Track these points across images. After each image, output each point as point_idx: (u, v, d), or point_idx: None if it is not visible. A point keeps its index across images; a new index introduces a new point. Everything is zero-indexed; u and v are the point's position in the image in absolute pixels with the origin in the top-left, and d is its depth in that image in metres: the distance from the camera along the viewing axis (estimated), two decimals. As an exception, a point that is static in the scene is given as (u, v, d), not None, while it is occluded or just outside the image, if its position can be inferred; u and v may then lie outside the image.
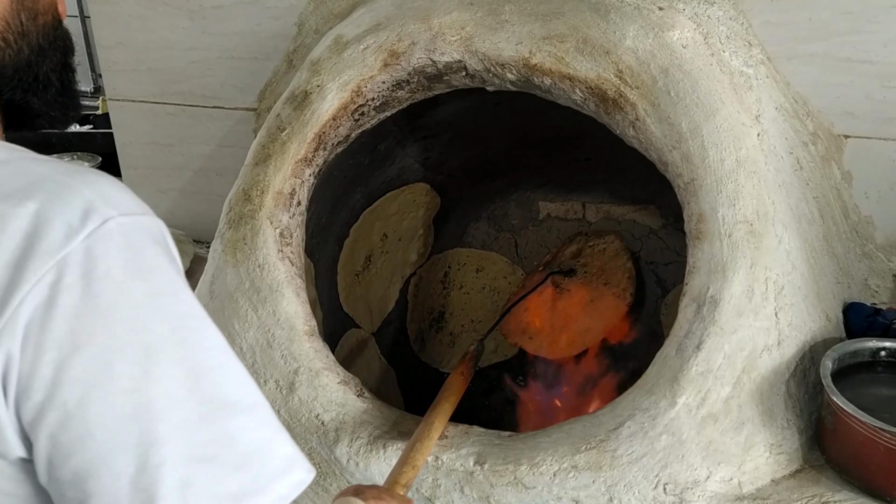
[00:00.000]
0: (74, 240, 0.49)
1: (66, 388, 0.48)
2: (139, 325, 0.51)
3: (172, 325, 0.52)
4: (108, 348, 0.49)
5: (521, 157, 1.85)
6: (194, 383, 0.52)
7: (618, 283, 1.77)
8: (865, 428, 1.04)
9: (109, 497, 0.49)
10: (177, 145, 1.94)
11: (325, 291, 1.63)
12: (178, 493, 0.49)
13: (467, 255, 2.02)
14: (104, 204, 0.52)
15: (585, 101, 1.23)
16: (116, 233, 0.51)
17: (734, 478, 1.10)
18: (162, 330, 0.52)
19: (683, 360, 1.09)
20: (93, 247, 0.50)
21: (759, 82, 1.28)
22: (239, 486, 0.51)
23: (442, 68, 1.31)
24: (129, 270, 0.51)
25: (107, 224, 0.51)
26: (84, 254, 0.49)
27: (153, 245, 0.53)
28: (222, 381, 0.54)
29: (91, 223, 0.50)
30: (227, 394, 0.53)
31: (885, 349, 1.20)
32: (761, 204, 1.13)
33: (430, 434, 1.12)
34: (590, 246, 1.84)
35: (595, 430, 1.12)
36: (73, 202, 0.51)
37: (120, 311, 0.50)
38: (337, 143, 1.38)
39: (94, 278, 0.50)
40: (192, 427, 0.51)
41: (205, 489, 0.50)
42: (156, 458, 0.49)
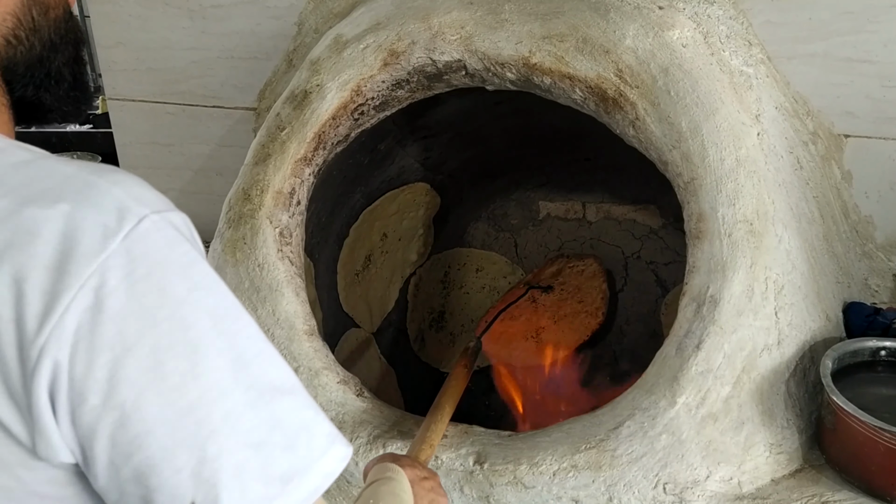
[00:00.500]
0: (114, 241, 0.50)
1: (122, 388, 0.49)
2: (184, 322, 0.52)
3: (213, 318, 0.53)
4: (157, 347, 0.50)
5: (521, 156, 1.85)
6: (239, 372, 0.53)
7: (591, 301, 1.83)
8: (865, 427, 1.04)
9: (173, 490, 0.50)
10: (177, 145, 1.94)
11: (325, 291, 1.63)
12: (237, 479, 0.51)
13: (467, 254, 2.02)
14: (136, 203, 0.52)
15: (585, 101, 1.23)
16: (153, 231, 0.52)
17: (734, 477, 1.10)
18: (204, 324, 0.53)
19: (683, 360, 1.09)
20: (132, 247, 0.51)
21: (759, 82, 1.28)
22: (289, 465, 0.53)
23: (442, 67, 1.31)
24: (168, 268, 0.52)
25: (142, 223, 0.51)
26: (125, 255, 0.50)
27: (184, 241, 0.54)
28: (264, 367, 0.55)
29: (127, 223, 0.51)
30: (269, 379, 0.55)
31: (885, 349, 1.20)
32: (761, 203, 1.13)
33: (443, 417, 1.16)
34: (570, 266, 1.88)
35: (595, 430, 1.12)
36: (104, 202, 0.51)
37: (164, 309, 0.51)
38: (337, 142, 1.38)
39: (137, 279, 0.50)
40: (241, 414, 0.52)
41: (259, 472, 0.51)
42: (213, 449, 0.50)
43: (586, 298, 1.85)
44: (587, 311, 1.83)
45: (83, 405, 0.49)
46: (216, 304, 0.54)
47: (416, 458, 1.03)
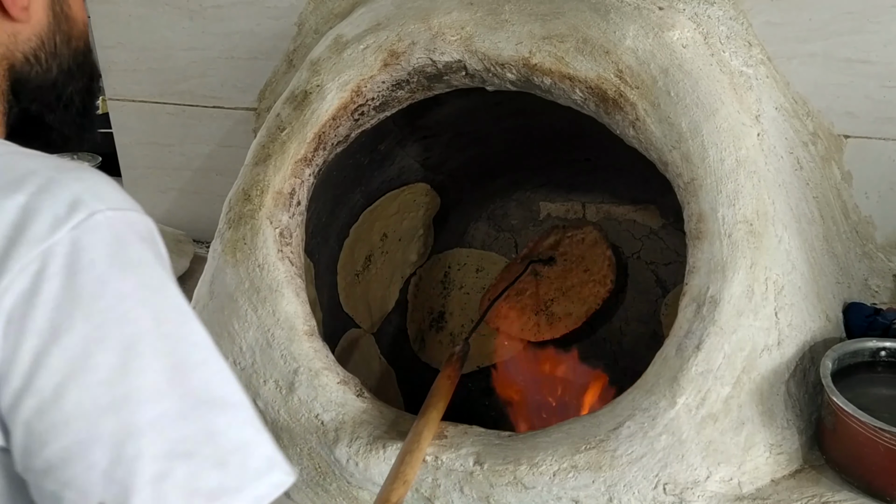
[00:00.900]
0: (60, 230, 0.50)
1: (44, 375, 0.48)
2: (122, 317, 0.51)
3: (157, 318, 0.53)
4: (88, 338, 0.49)
5: (522, 157, 1.85)
6: (177, 378, 0.52)
7: (598, 270, 1.78)
8: (865, 428, 1.04)
9: (84, 487, 0.49)
10: (177, 145, 1.94)
11: (325, 291, 1.63)
12: (153, 486, 0.49)
13: (467, 255, 2.02)
14: (92, 197, 0.52)
15: (585, 101, 1.23)
16: (104, 225, 0.52)
17: (734, 478, 1.10)
18: (146, 323, 0.52)
19: (683, 360, 1.09)
20: (79, 238, 0.50)
21: (759, 82, 1.28)
22: (218, 483, 0.51)
23: (442, 68, 1.31)
24: (114, 263, 0.51)
25: (94, 217, 0.51)
26: (69, 244, 0.50)
27: (140, 241, 0.54)
28: (206, 378, 0.54)
29: (78, 215, 0.51)
30: (210, 390, 0.53)
31: (886, 349, 1.20)
32: (761, 204, 1.13)
33: (420, 446, 1.10)
34: (568, 237, 1.84)
35: (595, 430, 1.12)
36: (60, 195, 0.51)
37: (102, 301, 0.50)
38: (337, 142, 1.38)
39: (78, 269, 0.50)
40: (172, 421, 0.51)
41: (182, 484, 0.50)
42: (131, 451, 0.49)
43: (592, 267, 1.78)
44: (594, 279, 1.77)
45: (6, 387, 0.49)
46: (163, 306, 0.53)
47: (387, 500, 0.99)
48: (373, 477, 1.16)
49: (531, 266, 1.82)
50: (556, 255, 1.83)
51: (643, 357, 1.21)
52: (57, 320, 0.49)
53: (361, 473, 1.18)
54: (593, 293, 1.77)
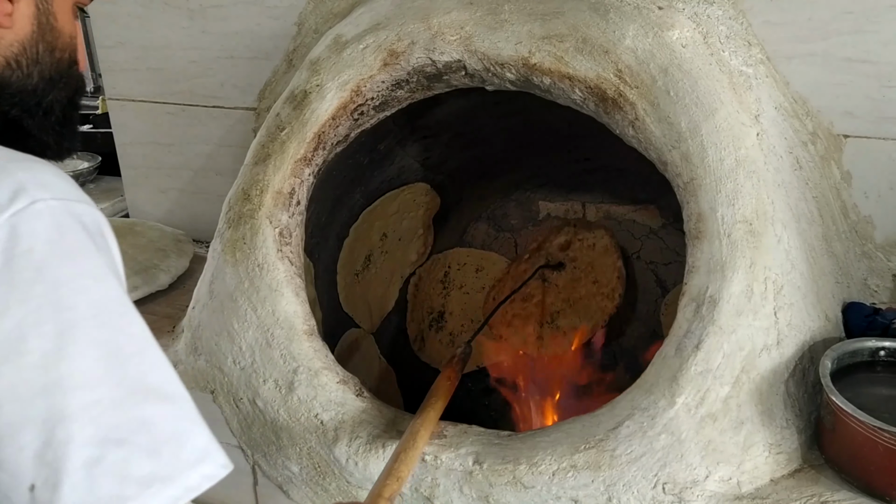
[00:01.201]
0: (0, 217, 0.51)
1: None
2: (58, 303, 0.51)
3: (94, 307, 0.53)
4: (22, 322, 0.50)
5: (521, 156, 1.85)
6: (112, 365, 0.52)
7: (608, 282, 1.78)
8: (865, 428, 1.04)
9: (15, 469, 0.49)
10: (176, 145, 1.94)
11: (325, 291, 1.63)
12: (84, 470, 0.49)
13: (467, 254, 2.02)
14: (36, 186, 0.53)
15: (585, 101, 1.23)
16: (45, 214, 0.52)
17: (733, 477, 1.10)
18: (82, 310, 0.52)
19: (682, 360, 1.09)
20: (17, 224, 0.51)
21: (758, 82, 1.28)
22: (149, 471, 0.52)
23: (441, 68, 1.31)
24: (52, 250, 0.52)
25: (35, 205, 0.52)
26: (7, 231, 0.51)
27: (82, 231, 0.54)
28: (142, 368, 0.54)
29: (19, 203, 0.52)
30: (145, 380, 0.54)
31: (885, 349, 1.20)
32: (760, 203, 1.13)
33: (416, 444, 1.10)
34: (579, 239, 1.83)
35: (594, 430, 1.12)
36: (5, 183, 0.52)
37: (38, 287, 0.51)
38: (336, 142, 1.38)
39: (15, 255, 0.50)
40: (105, 408, 0.51)
41: (113, 470, 0.50)
42: (62, 435, 0.49)
43: (601, 278, 1.78)
44: (603, 292, 1.76)
45: None
46: (101, 296, 0.54)
47: (380, 495, 0.99)
48: (372, 476, 1.16)
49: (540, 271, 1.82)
50: (566, 260, 1.82)
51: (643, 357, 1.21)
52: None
53: (361, 473, 1.18)
54: (601, 307, 1.77)
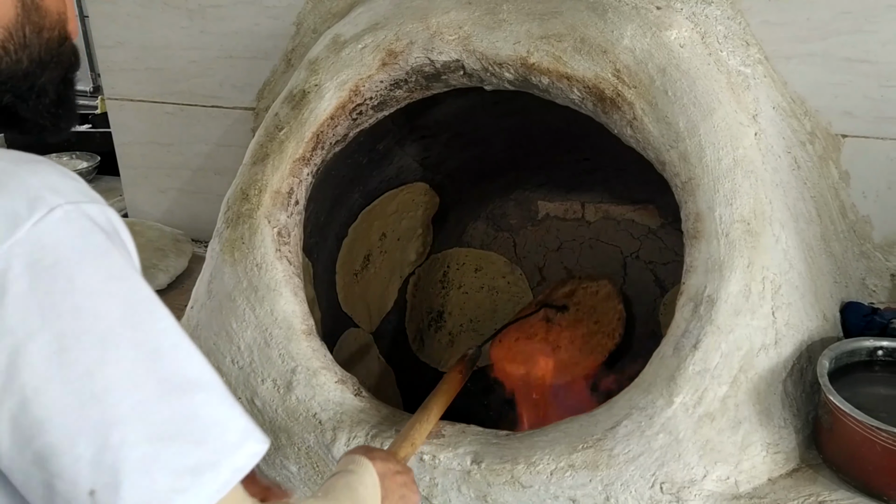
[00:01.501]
0: (21, 229, 0.51)
1: (23, 373, 0.50)
2: (93, 311, 0.52)
3: (126, 309, 0.54)
4: (63, 334, 0.51)
5: (520, 156, 1.85)
6: (152, 363, 0.53)
7: (608, 323, 1.82)
8: (862, 427, 1.04)
9: (73, 476, 0.50)
10: (175, 145, 1.94)
11: (324, 291, 1.63)
12: (141, 470, 0.51)
13: (466, 254, 2.02)
14: (50, 192, 0.53)
15: (583, 101, 1.23)
16: (64, 221, 0.52)
17: (731, 477, 1.10)
18: (117, 314, 0.53)
19: (680, 360, 1.09)
20: (41, 236, 0.51)
21: (756, 82, 1.28)
22: (200, 460, 0.53)
23: (440, 67, 1.31)
24: (78, 258, 0.52)
25: (54, 212, 0.52)
26: (32, 243, 0.51)
27: (100, 232, 0.54)
28: (179, 361, 0.55)
29: (38, 212, 0.51)
30: (184, 372, 0.55)
31: (883, 348, 1.20)
32: (758, 203, 1.13)
33: (429, 417, 1.14)
34: (583, 287, 1.88)
35: (592, 430, 1.12)
36: (18, 190, 0.52)
37: (72, 298, 0.51)
38: (335, 142, 1.38)
39: (44, 267, 0.51)
40: (152, 406, 0.52)
41: (167, 464, 0.52)
42: (116, 438, 0.50)
43: (602, 319, 1.84)
44: (603, 331, 1.82)
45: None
46: (130, 296, 0.55)
47: (395, 453, 1.03)
48: (370, 476, 1.16)
49: (544, 310, 1.85)
50: (570, 304, 1.86)
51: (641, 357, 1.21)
52: (29, 319, 0.50)
53: (359, 472, 1.18)
54: (601, 344, 1.81)
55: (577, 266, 1.95)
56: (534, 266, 1.99)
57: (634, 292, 1.89)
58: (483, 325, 1.98)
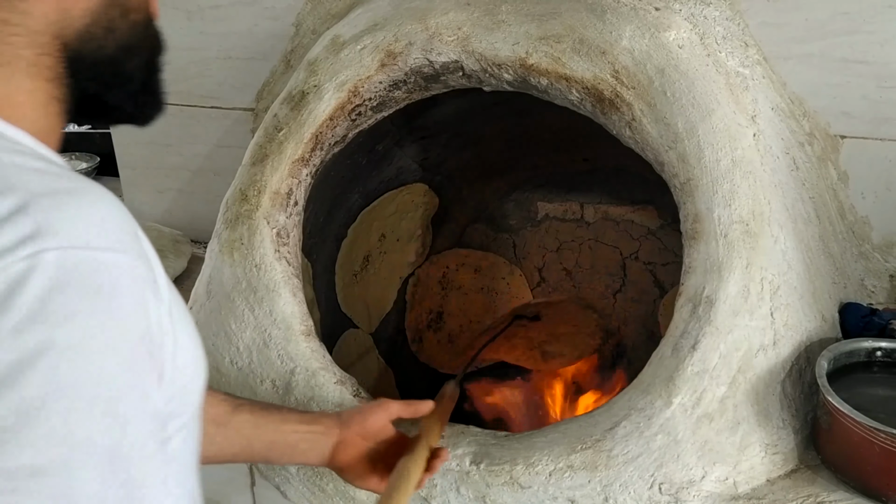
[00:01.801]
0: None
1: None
2: (53, 372, 0.45)
3: (95, 382, 0.47)
4: (21, 400, 0.44)
5: (519, 157, 1.85)
6: (105, 415, 0.47)
7: (586, 325, 1.84)
8: (861, 428, 1.04)
9: None
10: (175, 145, 1.94)
11: (323, 292, 1.63)
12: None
13: (466, 255, 2.02)
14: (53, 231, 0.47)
15: (582, 102, 1.23)
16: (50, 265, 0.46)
17: (729, 477, 1.10)
18: (75, 373, 0.46)
19: (679, 360, 1.09)
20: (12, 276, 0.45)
21: (755, 83, 1.28)
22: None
23: (439, 68, 1.31)
24: (41, 310, 0.45)
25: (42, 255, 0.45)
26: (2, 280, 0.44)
27: (85, 290, 0.46)
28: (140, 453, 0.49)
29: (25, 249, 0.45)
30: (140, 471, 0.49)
31: (881, 349, 1.20)
32: (757, 204, 1.14)
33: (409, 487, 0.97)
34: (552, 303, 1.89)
35: (591, 430, 1.12)
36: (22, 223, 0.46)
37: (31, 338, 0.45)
38: (334, 143, 1.38)
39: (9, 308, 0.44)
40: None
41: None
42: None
43: (580, 323, 1.85)
44: (584, 332, 1.82)
45: None
46: (84, 368, 0.47)
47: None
48: (369, 477, 1.16)
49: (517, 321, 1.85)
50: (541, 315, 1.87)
51: (641, 358, 1.21)
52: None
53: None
54: (585, 342, 1.83)
55: (577, 267, 1.95)
56: (533, 267, 1.99)
57: (634, 293, 1.89)
58: (483, 326, 1.98)
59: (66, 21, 0.60)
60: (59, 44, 0.60)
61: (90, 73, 0.63)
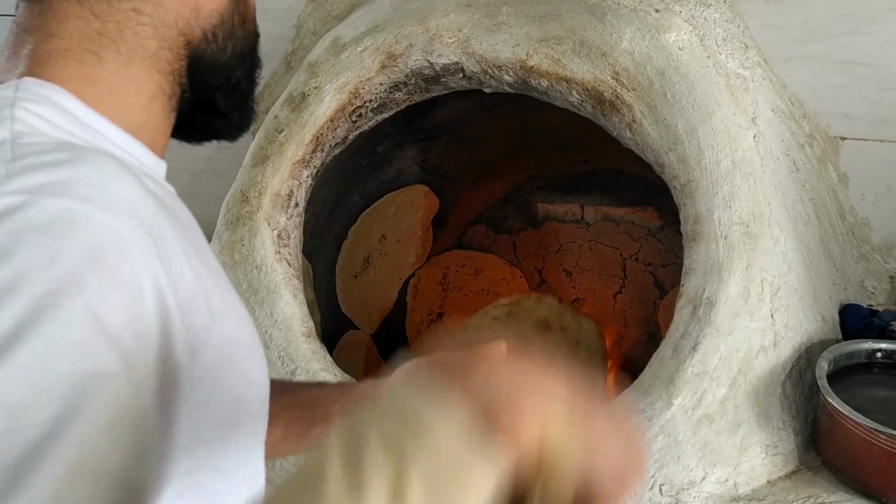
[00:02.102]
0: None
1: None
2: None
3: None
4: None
5: (520, 158, 1.85)
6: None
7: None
8: (861, 429, 1.04)
9: None
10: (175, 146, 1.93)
11: (324, 293, 1.63)
12: None
13: (466, 256, 2.02)
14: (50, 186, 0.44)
15: (582, 103, 1.23)
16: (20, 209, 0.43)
17: (730, 479, 1.10)
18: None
19: (679, 362, 1.09)
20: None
21: (755, 84, 1.28)
22: None
23: (439, 70, 1.31)
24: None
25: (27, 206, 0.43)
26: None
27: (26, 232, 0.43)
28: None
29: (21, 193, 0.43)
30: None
31: (881, 351, 1.20)
32: (757, 205, 1.14)
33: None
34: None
35: (591, 432, 1.12)
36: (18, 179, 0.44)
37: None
38: (335, 144, 1.39)
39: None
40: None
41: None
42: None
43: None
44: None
45: None
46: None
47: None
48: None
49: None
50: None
51: (641, 359, 1.21)
52: None
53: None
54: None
55: (577, 267, 1.95)
56: (533, 268, 1.99)
57: (634, 294, 1.89)
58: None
59: (196, 20, 0.60)
60: (184, 41, 0.60)
61: (206, 77, 0.63)
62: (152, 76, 0.59)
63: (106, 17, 0.57)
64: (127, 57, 0.57)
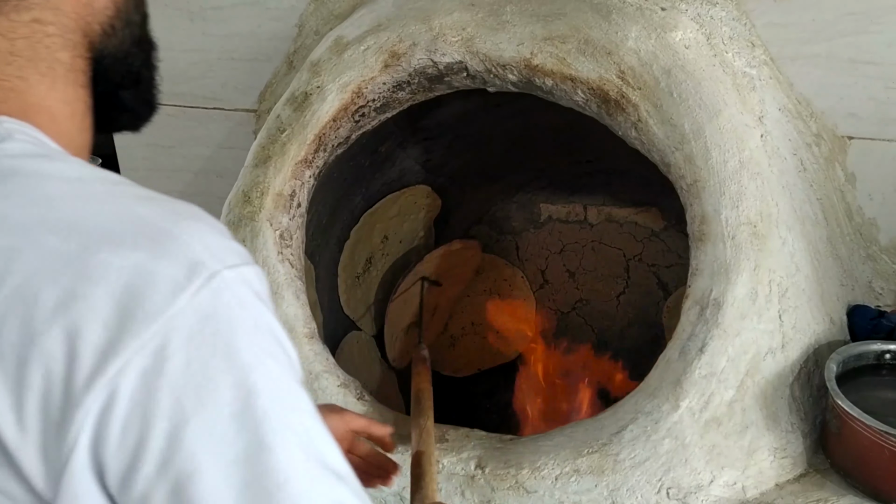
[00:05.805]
0: (180, 299, 0.45)
1: (179, 459, 0.45)
2: (249, 391, 0.47)
3: (280, 388, 0.49)
4: (220, 416, 0.46)
5: (523, 158, 1.85)
6: (308, 449, 0.48)
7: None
8: (870, 432, 1.03)
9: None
10: (177, 147, 1.93)
11: (326, 294, 1.62)
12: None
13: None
14: (210, 256, 0.47)
15: (587, 103, 1.22)
16: (223, 290, 0.47)
17: (738, 482, 1.09)
18: (273, 394, 0.48)
19: (686, 363, 1.09)
20: (199, 307, 0.46)
21: (762, 83, 1.27)
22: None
23: (443, 69, 1.30)
24: (236, 331, 0.47)
25: (213, 281, 0.46)
26: (191, 316, 0.45)
27: (257, 300, 0.49)
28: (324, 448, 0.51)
29: (197, 279, 0.46)
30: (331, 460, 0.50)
31: (890, 352, 1.19)
32: (765, 205, 1.13)
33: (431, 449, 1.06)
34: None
35: (597, 434, 1.11)
36: (177, 253, 0.46)
37: (229, 376, 0.46)
38: (337, 144, 1.38)
39: (203, 342, 0.46)
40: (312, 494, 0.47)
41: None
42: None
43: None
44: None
45: (136, 473, 0.45)
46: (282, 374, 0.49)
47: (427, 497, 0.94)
48: (373, 481, 1.15)
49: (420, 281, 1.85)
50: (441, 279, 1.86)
51: (645, 360, 1.20)
52: (184, 401, 0.45)
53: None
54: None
55: (580, 268, 1.94)
56: (536, 269, 1.98)
57: (637, 295, 1.88)
58: (485, 328, 1.97)
59: (92, 15, 0.58)
60: (87, 42, 0.58)
61: (108, 72, 0.60)
62: (77, 93, 0.57)
63: (11, 34, 0.54)
64: (50, 77, 0.55)
